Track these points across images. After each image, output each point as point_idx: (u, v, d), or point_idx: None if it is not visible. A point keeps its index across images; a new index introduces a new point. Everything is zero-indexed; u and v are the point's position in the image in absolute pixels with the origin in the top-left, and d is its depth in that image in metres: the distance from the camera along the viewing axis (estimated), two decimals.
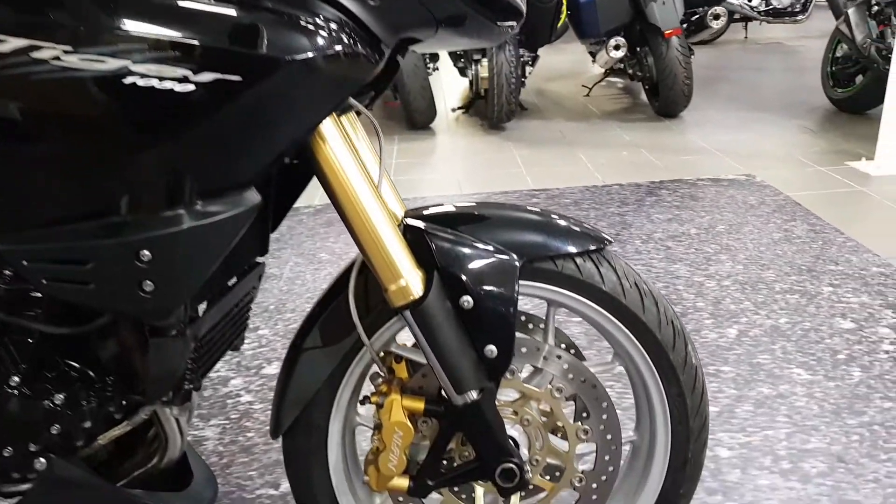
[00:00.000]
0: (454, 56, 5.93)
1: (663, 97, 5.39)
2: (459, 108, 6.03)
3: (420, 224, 1.24)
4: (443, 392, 1.27)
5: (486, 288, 1.21)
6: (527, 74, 5.57)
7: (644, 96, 6.07)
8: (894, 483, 1.83)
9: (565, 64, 8.30)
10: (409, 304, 1.19)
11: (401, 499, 1.35)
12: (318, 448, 1.34)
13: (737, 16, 9.28)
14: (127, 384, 1.21)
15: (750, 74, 7.36)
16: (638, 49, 5.50)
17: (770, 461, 1.93)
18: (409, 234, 1.22)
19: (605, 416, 1.34)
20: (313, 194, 4.08)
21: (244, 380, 2.37)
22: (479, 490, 1.37)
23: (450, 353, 1.21)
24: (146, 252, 1.01)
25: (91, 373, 1.21)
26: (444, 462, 1.32)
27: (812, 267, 3.02)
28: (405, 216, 1.26)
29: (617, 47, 5.27)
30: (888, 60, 4.73)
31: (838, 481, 1.85)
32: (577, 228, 1.32)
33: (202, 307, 1.23)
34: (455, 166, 4.72)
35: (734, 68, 7.73)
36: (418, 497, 1.32)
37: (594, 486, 1.36)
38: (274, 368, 2.42)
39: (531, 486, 1.41)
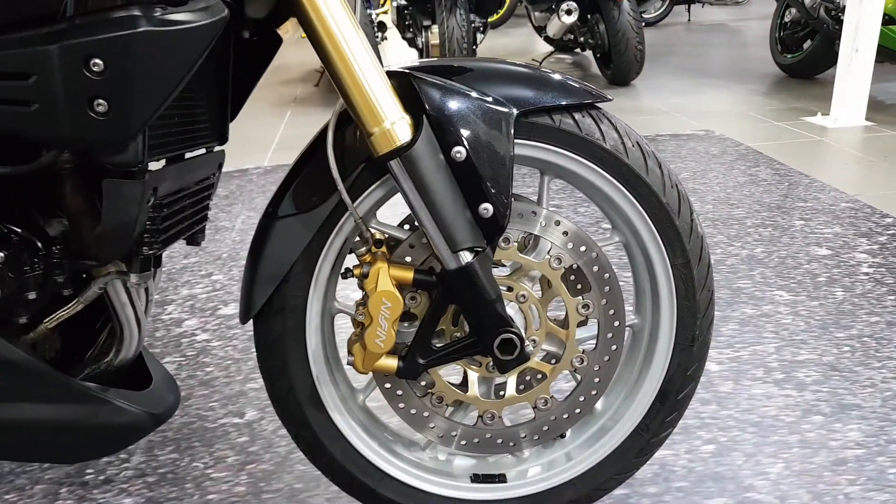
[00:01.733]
0: (402, 27, 5.81)
1: (616, 63, 5.34)
2: None
3: (405, 70, 1.12)
4: (434, 262, 1.15)
5: (480, 138, 1.09)
6: (478, 42, 5.47)
7: (595, 69, 6.04)
8: (892, 387, 1.76)
9: (513, 44, 8.25)
10: (395, 150, 1.06)
11: (388, 385, 1.22)
12: (295, 332, 1.20)
13: None
14: (76, 248, 1.06)
15: (697, 49, 7.39)
16: (589, 17, 5.44)
17: (762, 373, 1.84)
18: (393, 79, 1.10)
19: (607, 289, 1.23)
20: (262, 156, 3.93)
21: (199, 320, 2.21)
22: (473, 374, 1.25)
23: (442, 207, 1.09)
24: (98, 60, 0.87)
25: (34, 238, 1.06)
26: (435, 342, 1.19)
27: (781, 204, 2.97)
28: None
29: (569, 12, 5.21)
30: (837, 21, 4.75)
31: (835, 388, 1.77)
32: (575, 84, 1.20)
33: (158, 165, 1.09)
34: None
35: (681, 45, 7.76)
36: (407, 378, 1.19)
37: (596, 367, 1.25)
38: (231, 310, 2.27)
39: (528, 377, 1.31)
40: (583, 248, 1.21)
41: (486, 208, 1.10)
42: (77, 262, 1.07)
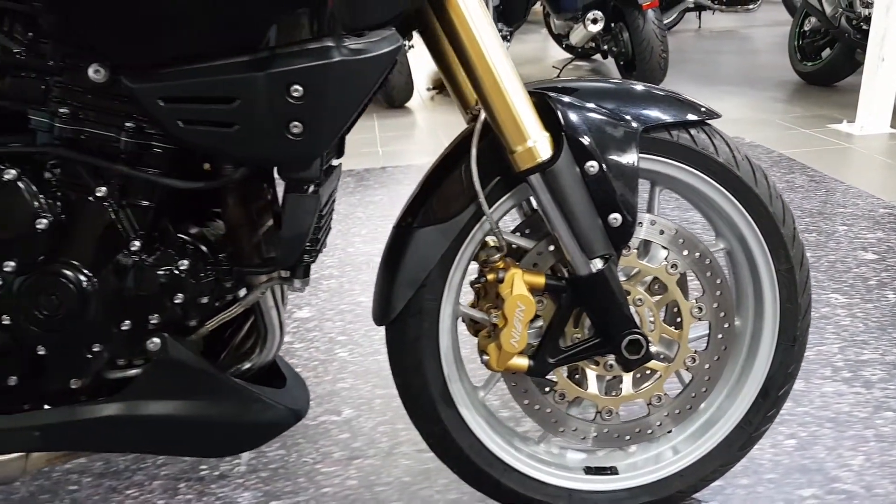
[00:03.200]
0: None
1: (640, 71, 5.42)
2: (434, 88, 5.99)
3: (538, 90, 1.21)
4: (562, 268, 1.24)
5: (611, 153, 1.18)
6: None
7: (616, 76, 6.12)
8: None
9: (528, 51, 8.33)
10: (537, 166, 1.15)
11: (514, 383, 1.31)
12: (429, 334, 1.29)
13: (691, 3, 9.44)
14: (237, 254, 1.15)
15: (711, 56, 7.48)
16: (612, 25, 5.53)
17: (830, 371, 1.93)
18: (531, 98, 1.18)
19: (718, 293, 1.32)
20: None
21: None
22: (591, 374, 1.33)
23: (579, 218, 1.18)
24: (297, 86, 0.95)
25: (205, 247, 1.14)
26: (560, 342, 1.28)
27: (821, 210, 3.06)
28: None
29: (595, 21, 5.30)
30: (858, 30, 4.84)
31: None
32: (688, 101, 1.30)
33: None
34: (438, 137, 4.67)
35: (695, 51, 7.85)
36: (537, 376, 1.28)
37: (707, 366, 1.34)
38: (305, 313, 2.35)
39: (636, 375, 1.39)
40: (697, 255, 1.29)
41: (616, 218, 1.19)
42: (248, 269, 1.15)
